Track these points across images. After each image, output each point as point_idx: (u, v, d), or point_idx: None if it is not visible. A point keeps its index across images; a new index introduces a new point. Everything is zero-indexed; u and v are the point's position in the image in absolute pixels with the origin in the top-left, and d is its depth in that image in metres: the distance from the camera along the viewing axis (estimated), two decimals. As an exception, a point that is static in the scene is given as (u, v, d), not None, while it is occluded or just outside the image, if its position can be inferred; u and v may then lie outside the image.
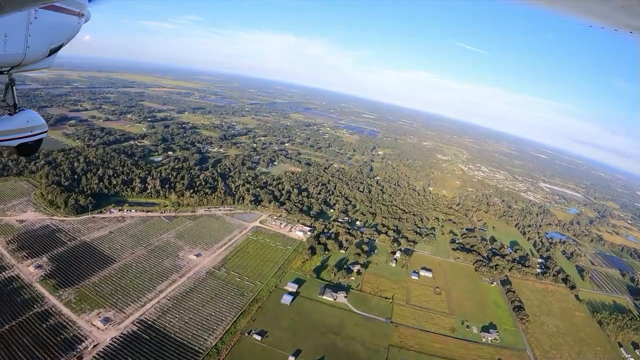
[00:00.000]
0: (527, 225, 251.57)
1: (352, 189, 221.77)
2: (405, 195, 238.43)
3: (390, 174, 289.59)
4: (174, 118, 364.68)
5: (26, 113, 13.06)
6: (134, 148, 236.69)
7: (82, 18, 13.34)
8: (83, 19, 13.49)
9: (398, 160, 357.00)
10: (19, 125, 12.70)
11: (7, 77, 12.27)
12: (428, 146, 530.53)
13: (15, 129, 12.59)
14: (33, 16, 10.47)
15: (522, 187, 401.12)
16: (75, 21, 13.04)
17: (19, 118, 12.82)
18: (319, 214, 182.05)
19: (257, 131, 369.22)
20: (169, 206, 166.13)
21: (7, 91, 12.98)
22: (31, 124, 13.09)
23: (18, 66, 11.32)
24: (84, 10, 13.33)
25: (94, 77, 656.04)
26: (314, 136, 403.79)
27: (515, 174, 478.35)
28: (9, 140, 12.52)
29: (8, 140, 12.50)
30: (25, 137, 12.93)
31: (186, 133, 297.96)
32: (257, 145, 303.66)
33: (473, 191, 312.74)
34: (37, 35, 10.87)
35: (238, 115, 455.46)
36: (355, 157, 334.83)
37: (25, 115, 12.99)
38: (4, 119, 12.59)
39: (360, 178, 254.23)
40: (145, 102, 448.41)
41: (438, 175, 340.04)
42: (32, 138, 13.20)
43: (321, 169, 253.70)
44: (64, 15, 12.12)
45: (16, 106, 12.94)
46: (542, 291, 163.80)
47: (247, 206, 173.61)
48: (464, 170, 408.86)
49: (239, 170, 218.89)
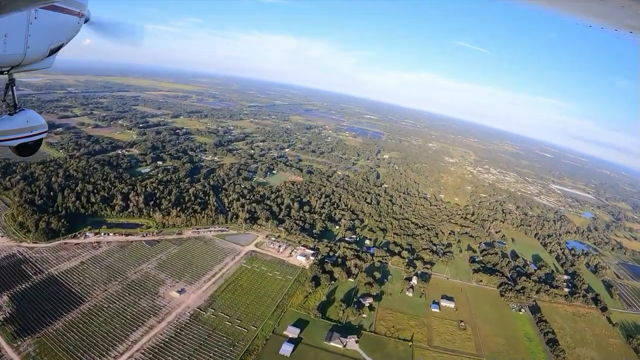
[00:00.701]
0: (546, 235, 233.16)
1: (358, 200, 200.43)
2: (417, 205, 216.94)
3: (399, 180, 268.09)
4: (168, 123, 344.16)
5: (26, 113, 13.02)
6: (120, 158, 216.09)
7: (82, 18, 13.40)
8: (83, 19, 13.57)
9: (405, 165, 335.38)
10: (19, 125, 12.67)
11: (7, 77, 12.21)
12: (434, 148, 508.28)
13: (15, 129, 12.55)
14: (33, 16, 10.40)
15: (534, 190, 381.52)
16: (76, 21, 13.09)
17: (19, 118, 12.79)
18: (323, 232, 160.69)
19: (256, 136, 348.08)
20: (153, 228, 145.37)
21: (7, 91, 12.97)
22: (31, 124, 13.05)
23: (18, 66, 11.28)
24: (84, 10, 13.40)
25: (90, 81, 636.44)
26: (316, 140, 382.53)
27: (524, 176, 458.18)
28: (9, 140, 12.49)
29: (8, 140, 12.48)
30: (25, 137, 12.87)
31: (179, 140, 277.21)
32: (255, 151, 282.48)
33: (486, 197, 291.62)
34: (37, 35, 10.78)
35: (236, 119, 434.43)
36: (360, 163, 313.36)
37: (25, 115, 12.96)
38: (4, 119, 12.58)
39: (367, 187, 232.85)
40: (139, 107, 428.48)
41: (448, 180, 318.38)
42: (32, 138, 13.13)
43: (324, 178, 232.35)
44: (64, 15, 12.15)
45: (16, 106, 12.95)
46: (573, 316, 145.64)
47: (241, 225, 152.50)
48: (473, 173, 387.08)
49: (234, 182, 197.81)
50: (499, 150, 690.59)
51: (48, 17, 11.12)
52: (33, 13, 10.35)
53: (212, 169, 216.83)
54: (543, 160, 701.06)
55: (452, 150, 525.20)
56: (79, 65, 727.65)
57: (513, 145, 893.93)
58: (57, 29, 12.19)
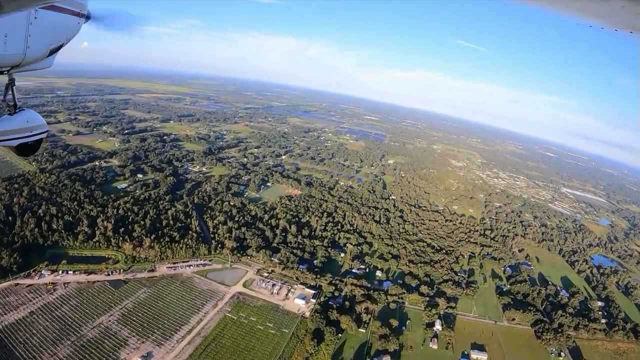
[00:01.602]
0: (570, 250, 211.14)
1: (365, 218, 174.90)
2: (431, 222, 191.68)
3: (407, 190, 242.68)
4: (156, 129, 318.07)
5: (26, 113, 12.89)
6: (95, 172, 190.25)
7: (82, 18, 13.24)
8: (83, 19, 13.39)
9: (412, 171, 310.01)
10: (19, 125, 12.55)
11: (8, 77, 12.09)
12: (439, 150, 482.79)
13: (15, 129, 12.45)
14: (33, 16, 10.34)
15: (547, 196, 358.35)
16: (75, 21, 12.95)
17: (19, 118, 12.65)
18: (326, 263, 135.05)
19: (250, 141, 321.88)
20: (121, 262, 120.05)
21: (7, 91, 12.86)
22: (31, 124, 12.93)
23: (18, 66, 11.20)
24: (84, 10, 13.24)
25: (83, 84, 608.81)
26: (315, 144, 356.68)
27: (534, 179, 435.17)
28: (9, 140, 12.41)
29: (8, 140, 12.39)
30: (25, 137, 12.76)
31: (165, 148, 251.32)
32: (249, 159, 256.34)
33: (500, 206, 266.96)
34: (37, 35, 10.71)
35: (230, 122, 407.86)
36: (363, 170, 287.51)
37: (25, 115, 12.85)
38: (4, 119, 12.46)
39: (374, 200, 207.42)
40: (128, 111, 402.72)
41: (459, 187, 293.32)
42: (32, 138, 13.01)
43: (325, 190, 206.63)
44: (64, 15, 12.04)
45: (16, 106, 12.79)
46: (616, 355, 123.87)
47: (227, 257, 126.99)
48: (483, 178, 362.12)
49: (222, 199, 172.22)
50: (503, 151, 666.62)
51: (48, 17, 10.97)
52: (33, 13, 10.24)
53: (198, 182, 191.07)
54: (548, 161, 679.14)
55: (458, 153, 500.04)
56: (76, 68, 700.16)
57: (516, 145, 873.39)
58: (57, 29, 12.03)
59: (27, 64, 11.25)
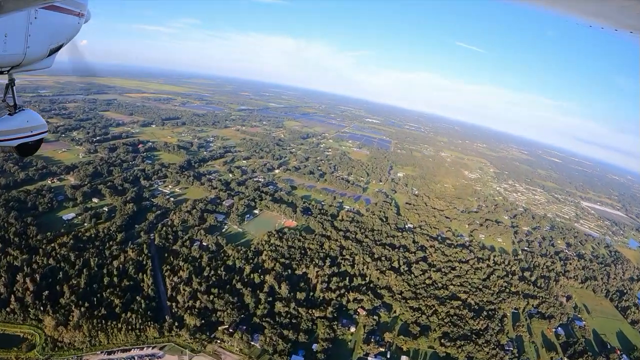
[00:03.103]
0: (616, 291, 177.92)
1: (381, 265, 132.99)
2: (461, 264, 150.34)
3: (425, 215, 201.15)
4: (132, 134, 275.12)
5: (26, 113, 12.64)
6: (42, 195, 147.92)
7: (82, 18, 12.93)
8: (83, 19, 13.09)
9: (425, 186, 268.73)
10: (19, 125, 12.24)
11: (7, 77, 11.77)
12: (448, 159, 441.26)
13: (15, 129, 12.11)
14: (33, 16, 10.11)
15: (570, 213, 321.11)
16: (76, 21, 12.66)
17: (19, 118, 12.35)
18: (330, 346, 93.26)
19: (239, 150, 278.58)
20: (37, 348, 78.48)
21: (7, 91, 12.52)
22: (31, 124, 12.63)
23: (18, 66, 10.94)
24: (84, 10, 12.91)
25: (72, 82, 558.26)
26: (314, 154, 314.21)
27: (551, 191, 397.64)
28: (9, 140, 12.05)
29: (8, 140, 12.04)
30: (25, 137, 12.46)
31: (135, 160, 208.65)
32: (234, 175, 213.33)
33: (530, 231, 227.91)
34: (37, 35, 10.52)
35: (219, 127, 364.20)
36: (371, 187, 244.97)
37: (25, 115, 12.57)
38: (4, 119, 12.14)
39: (387, 232, 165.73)
40: (108, 112, 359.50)
41: (481, 207, 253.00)
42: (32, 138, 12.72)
43: (327, 221, 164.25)
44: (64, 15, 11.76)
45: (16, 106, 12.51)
46: None
47: (187, 341, 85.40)
48: (501, 193, 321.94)
49: (192, 236, 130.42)
50: (511, 158, 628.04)
51: (48, 17, 10.74)
52: (33, 13, 10.03)
53: (166, 211, 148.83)
54: (556, 168, 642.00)
55: (468, 161, 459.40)
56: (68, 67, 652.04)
57: (520, 150, 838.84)
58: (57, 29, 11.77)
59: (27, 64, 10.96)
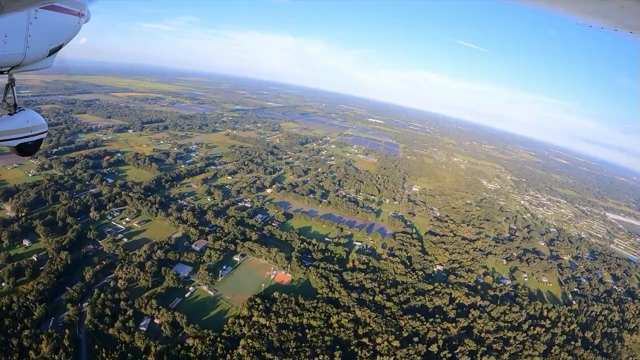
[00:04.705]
0: None
1: (412, 351, 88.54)
2: (515, 336, 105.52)
3: (455, 251, 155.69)
4: (102, 143, 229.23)
5: (26, 113, 12.51)
6: None
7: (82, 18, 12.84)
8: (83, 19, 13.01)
9: (446, 204, 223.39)
10: (19, 125, 12.14)
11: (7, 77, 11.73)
12: (462, 165, 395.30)
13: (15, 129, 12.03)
14: (33, 16, 10.02)
15: (602, 231, 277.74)
16: (76, 21, 12.55)
17: (19, 118, 12.23)
18: None
19: (225, 162, 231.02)
20: None
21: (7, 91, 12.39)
22: (31, 124, 12.52)
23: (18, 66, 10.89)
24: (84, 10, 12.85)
25: (59, 81, 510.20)
26: (314, 164, 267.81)
27: (574, 202, 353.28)
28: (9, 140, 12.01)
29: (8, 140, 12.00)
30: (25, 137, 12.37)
31: (92, 180, 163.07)
32: (214, 199, 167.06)
33: (571, 261, 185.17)
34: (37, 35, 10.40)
35: (207, 131, 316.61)
36: (384, 209, 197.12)
37: (25, 115, 12.43)
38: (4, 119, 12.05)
39: (414, 284, 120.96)
40: (84, 115, 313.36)
41: (513, 232, 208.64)
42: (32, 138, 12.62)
43: (333, 271, 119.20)
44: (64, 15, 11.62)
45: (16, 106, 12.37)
46: None
47: None
48: (527, 208, 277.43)
49: (139, 309, 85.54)
50: (523, 162, 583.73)
51: (48, 17, 10.62)
52: (33, 13, 9.94)
53: (110, 263, 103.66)
54: (567, 172, 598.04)
55: (482, 167, 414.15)
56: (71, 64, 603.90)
57: (528, 152, 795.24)
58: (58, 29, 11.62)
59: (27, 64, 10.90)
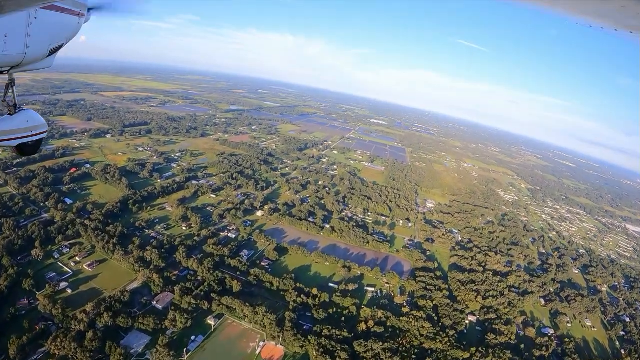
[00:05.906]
0: None
1: None
2: None
3: (488, 294, 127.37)
4: (73, 151, 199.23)
5: (26, 113, 12.45)
6: None
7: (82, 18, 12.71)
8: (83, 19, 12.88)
9: (467, 224, 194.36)
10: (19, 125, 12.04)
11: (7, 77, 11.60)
12: (474, 173, 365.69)
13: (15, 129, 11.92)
14: (33, 16, 9.86)
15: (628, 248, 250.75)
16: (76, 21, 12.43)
17: (19, 118, 12.14)
18: None
19: (210, 175, 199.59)
20: None
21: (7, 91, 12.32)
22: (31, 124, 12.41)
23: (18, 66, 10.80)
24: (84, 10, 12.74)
25: (50, 80, 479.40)
26: (315, 175, 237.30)
27: (593, 214, 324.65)
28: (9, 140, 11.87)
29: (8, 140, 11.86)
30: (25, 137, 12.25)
31: (47, 201, 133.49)
32: (191, 227, 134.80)
33: (610, 294, 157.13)
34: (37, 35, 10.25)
35: (195, 135, 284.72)
36: (398, 234, 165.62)
37: (25, 115, 12.35)
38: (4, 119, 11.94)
39: (445, 350, 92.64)
40: (64, 118, 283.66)
41: (545, 260, 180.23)
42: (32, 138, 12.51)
43: (339, 339, 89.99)
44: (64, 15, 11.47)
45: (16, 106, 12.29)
46: None
47: None
48: (551, 225, 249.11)
49: None
50: (532, 166, 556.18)
51: (48, 17, 10.55)
52: (33, 13, 9.82)
53: (46, 327, 74.77)
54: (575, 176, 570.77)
55: (494, 174, 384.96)
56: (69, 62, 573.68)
57: (534, 155, 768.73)
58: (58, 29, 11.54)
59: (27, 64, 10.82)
